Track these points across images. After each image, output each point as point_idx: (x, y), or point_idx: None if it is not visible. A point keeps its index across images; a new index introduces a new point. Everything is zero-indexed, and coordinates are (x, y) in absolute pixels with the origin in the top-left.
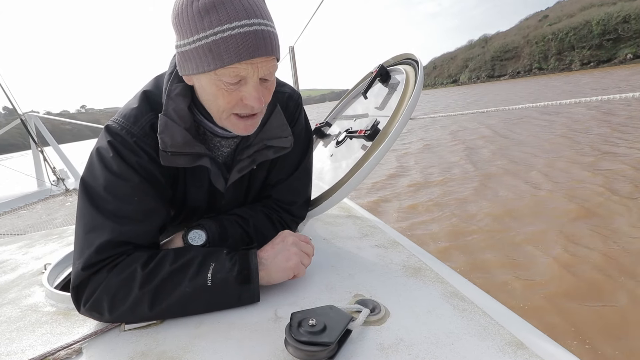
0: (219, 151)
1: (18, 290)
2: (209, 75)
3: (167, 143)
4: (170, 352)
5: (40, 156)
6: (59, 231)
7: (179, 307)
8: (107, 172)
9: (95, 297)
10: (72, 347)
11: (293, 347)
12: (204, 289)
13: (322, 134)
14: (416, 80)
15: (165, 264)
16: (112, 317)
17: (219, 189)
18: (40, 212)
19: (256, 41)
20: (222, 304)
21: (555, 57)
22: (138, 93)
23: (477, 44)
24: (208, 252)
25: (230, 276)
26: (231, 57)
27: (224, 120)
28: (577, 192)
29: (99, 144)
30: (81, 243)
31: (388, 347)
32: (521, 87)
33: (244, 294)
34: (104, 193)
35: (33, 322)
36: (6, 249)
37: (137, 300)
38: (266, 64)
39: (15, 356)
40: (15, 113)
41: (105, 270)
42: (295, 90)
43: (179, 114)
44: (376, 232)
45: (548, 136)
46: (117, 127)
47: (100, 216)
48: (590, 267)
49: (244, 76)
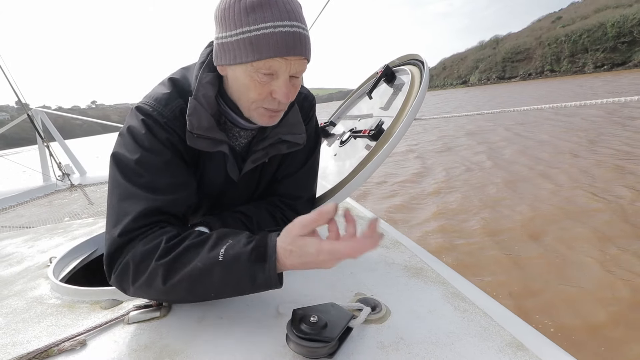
0: (236, 141)
1: (24, 282)
2: (245, 67)
3: (194, 125)
4: (172, 346)
5: (46, 151)
6: (63, 225)
7: (188, 283)
8: (139, 147)
9: (123, 265)
10: (76, 338)
11: (294, 342)
12: (215, 263)
13: (326, 134)
14: (421, 81)
15: (186, 240)
16: (134, 290)
17: (233, 177)
18: (45, 206)
19: (293, 41)
20: (235, 285)
21: (568, 59)
22: (165, 80)
23: (488, 45)
24: (230, 231)
25: (244, 252)
26: (269, 52)
27: (252, 111)
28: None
29: (130, 123)
30: (117, 210)
31: (388, 345)
32: (532, 89)
33: (259, 275)
34: (136, 167)
35: (38, 313)
36: (12, 242)
37: (152, 272)
38: (298, 63)
39: (20, 347)
40: (24, 109)
41: (138, 239)
42: (310, 92)
43: (207, 100)
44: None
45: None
46: (149, 108)
47: (134, 188)
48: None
49: (276, 71)
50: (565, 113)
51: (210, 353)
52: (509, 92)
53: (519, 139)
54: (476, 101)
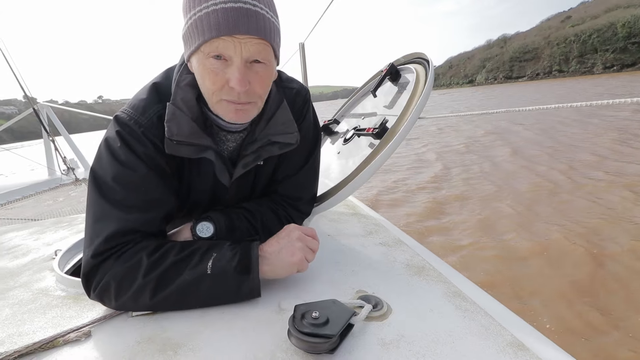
0: (224, 145)
1: (29, 274)
2: (197, 55)
3: (174, 132)
4: (175, 339)
5: (52, 145)
6: (68, 219)
7: (178, 296)
8: (115, 161)
9: (103, 284)
10: (81, 329)
11: (296, 338)
12: (204, 277)
13: (329, 132)
14: (426, 79)
15: (170, 254)
16: (118, 304)
17: (224, 183)
18: (50, 200)
19: (237, 17)
20: (221, 296)
21: (577, 59)
22: (147, 85)
23: (495, 44)
24: (212, 244)
25: (230, 265)
26: (211, 32)
27: (215, 104)
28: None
29: (107, 134)
30: (90, 232)
31: (389, 342)
32: (547, 88)
33: (244, 285)
34: (111, 183)
35: (44, 305)
36: (18, 234)
37: (140, 288)
38: (250, 44)
39: (27, 337)
40: (30, 103)
41: (113, 258)
42: (303, 86)
43: (187, 104)
44: (381, 231)
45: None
46: (125, 117)
47: (108, 205)
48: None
49: (225, 53)
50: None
51: (212, 347)
52: (521, 92)
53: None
54: (495, 103)
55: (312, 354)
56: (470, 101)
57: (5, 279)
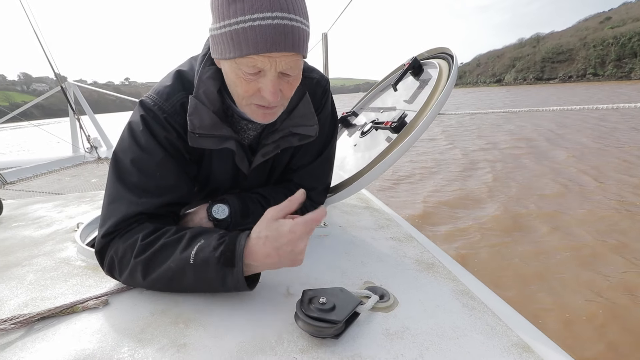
0: (245, 134)
1: (53, 244)
2: (230, 63)
3: (196, 125)
4: (187, 313)
5: (77, 124)
6: (90, 194)
7: (166, 281)
8: (135, 145)
9: (108, 261)
10: (99, 298)
11: (303, 321)
12: (187, 266)
13: (347, 124)
14: (449, 75)
15: (162, 237)
16: (123, 280)
17: (243, 170)
18: (72, 176)
19: (275, 36)
20: (206, 285)
21: (614, 63)
22: (172, 71)
23: (527, 43)
24: (203, 230)
25: (212, 256)
26: (249, 49)
27: (245, 107)
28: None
29: (132, 118)
30: (104, 212)
31: (394, 333)
32: (583, 92)
33: (228, 279)
34: (129, 165)
35: (65, 273)
36: (43, 206)
37: (133, 269)
38: (286, 59)
39: (48, 301)
40: (58, 81)
41: (117, 237)
42: (323, 76)
43: (208, 97)
44: (392, 225)
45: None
46: (150, 102)
47: (123, 188)
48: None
49: (261, 68)
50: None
51: (222, 323)
52: (559, 93)
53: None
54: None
55: (318, 337)
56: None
57: (30, 247)
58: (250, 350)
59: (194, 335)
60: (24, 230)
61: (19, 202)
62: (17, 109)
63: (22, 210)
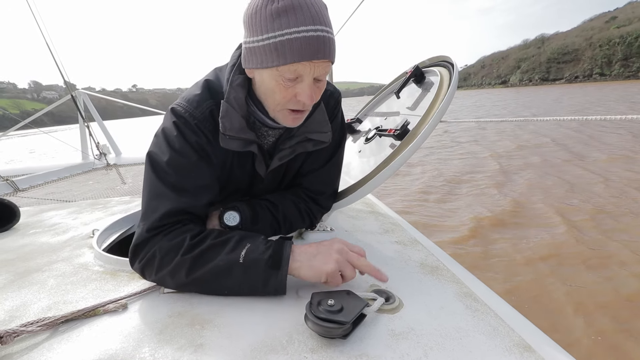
0: (265, 139)
1: (70, 250)
2: (271, 71)
3: (227, 127)
4: (203, 315)
5: (86, 131)
6: (103, 201)
7: (210, 278)
8: (170, 149)
9: (149, 255)
10: (119, 302)
11: (312, 322)
12: (236, 265)
13: (352, 130)
14: (450, 83)
15: (208, 238)
16: (157, 277)
17: (260, 173)
18: (83, 182)
19: (317, 45)
20: (249, 286)
21: (621, 62)
22: (200, 81)
23: (532, 44)
24: (247, 234)
25: (262, 258)
26: (294, 57)
27: (277, 112)
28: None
29: (164, 124)
30: (146, 207)
31: (399, 334)
32: (596, 92)
33: (271, 280)
34: (166, 167)
35: (84, 278)
36: (57, 213)
37: (178, 265)
38: (322, 66)
39: (70, 305)
40: (69, 90)
41: (162, 234)
42: (336, 89)
43: (238, 103)
44: (397, 230)
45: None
46: (181, 110)
47: (163, 186)
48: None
49: (301, 74)
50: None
51: (236, 324)
52: (570, 94)
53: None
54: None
55: (326, 337)
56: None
57: (48, 253)
58: (263, 349)
59: (210, 336)
60: (42, 237)
61: (35, 209)
62: (28, 116)
63: (38, 217)
